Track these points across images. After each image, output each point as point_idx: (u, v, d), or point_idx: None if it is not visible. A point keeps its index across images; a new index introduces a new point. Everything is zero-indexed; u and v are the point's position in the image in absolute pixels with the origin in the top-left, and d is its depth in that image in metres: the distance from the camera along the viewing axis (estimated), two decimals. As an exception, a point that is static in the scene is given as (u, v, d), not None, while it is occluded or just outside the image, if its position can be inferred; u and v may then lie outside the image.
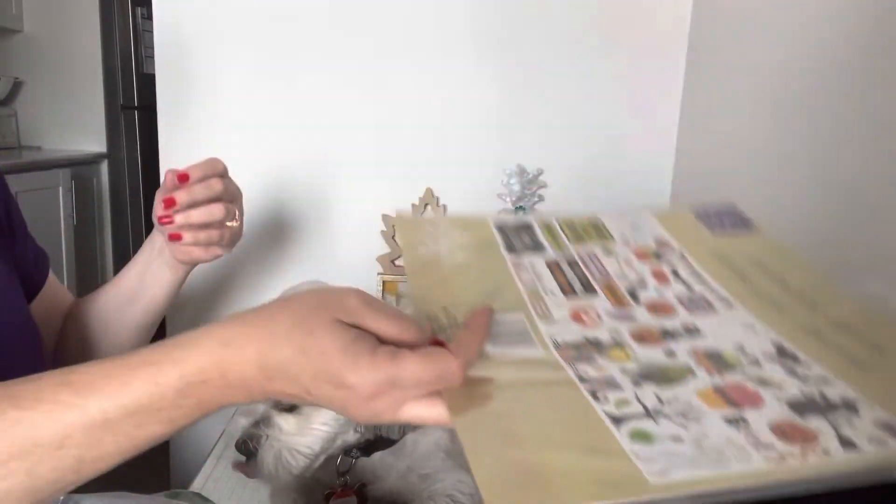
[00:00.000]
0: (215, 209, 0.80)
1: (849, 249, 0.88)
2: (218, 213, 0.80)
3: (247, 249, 1.43)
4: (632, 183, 1.42)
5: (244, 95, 1.38)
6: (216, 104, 1.38)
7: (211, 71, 1.37)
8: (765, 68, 1.11)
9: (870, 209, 0.84)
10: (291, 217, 1.42)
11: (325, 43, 1.36)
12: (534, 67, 1.38)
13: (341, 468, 0.76)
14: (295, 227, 1.42)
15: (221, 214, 0.80)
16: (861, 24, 0.88)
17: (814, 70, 0.98)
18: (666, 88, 1.39)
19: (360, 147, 1.40)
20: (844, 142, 0.90)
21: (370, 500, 0.77)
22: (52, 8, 3.32)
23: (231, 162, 1.41)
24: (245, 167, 1.40)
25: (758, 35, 1.14)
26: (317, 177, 1.41)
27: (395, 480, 0.77)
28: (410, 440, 0.76)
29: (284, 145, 1.40)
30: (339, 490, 0.76)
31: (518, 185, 1.39)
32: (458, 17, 1.36)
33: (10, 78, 3.29)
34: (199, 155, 1.40)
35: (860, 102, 0.87)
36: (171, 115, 1.39)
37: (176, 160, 1.40)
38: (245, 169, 1.40)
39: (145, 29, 3.46)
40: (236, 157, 1.40)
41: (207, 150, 1.39)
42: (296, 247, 1.42)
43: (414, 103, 1.39)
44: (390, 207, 1.40)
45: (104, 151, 3.42)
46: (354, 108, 1.38)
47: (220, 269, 1.43)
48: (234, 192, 0.85)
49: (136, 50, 3.45)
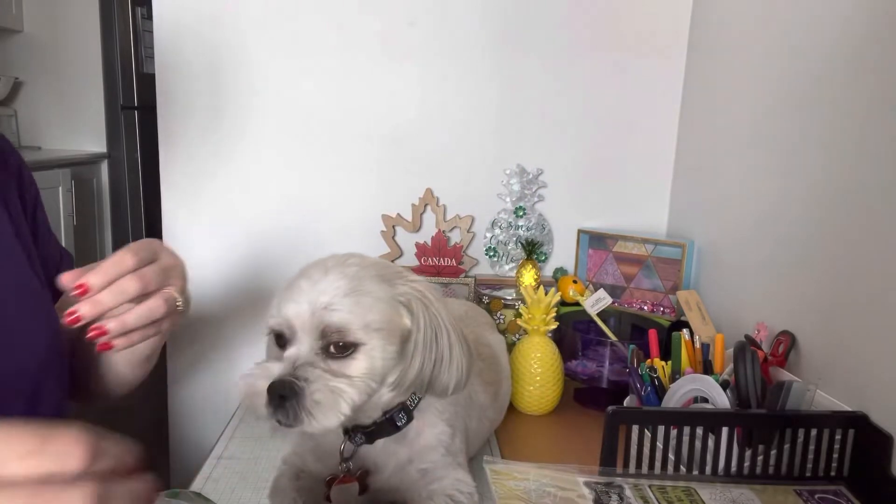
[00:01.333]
0: (154, 306, 0.65)
1: (848, 248, 0.88)
2: (158, 310, 0.66)
3: (247, 249, 1.43)
4: (631, 183, 1.43)
5: (244, 95, 1.38)
6: (216, 104, 1.38)
7: (211, 71, 1.37)
8: (764, 69, 1.11)
9: (869, 208, 0.84)
10: (291, 217, 1.42)
11: (326, 43, 1.36)
12: (534, 68, 1.38)
13: (345, 453, 0.76)
14: (294, 226, 1.42)
15: (163, 311, 0.66)
16: (861, 24, 0.88)
17: (813, 70, 0.98)
18: (666, 89, 1.39)
19: (361, 147, 1.40)
20: (844, 141, 0.90)
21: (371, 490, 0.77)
22: (52, 8, 3.32)
23: (231, 162, 1.41)
24: (244, 167, 1.41)
25: (757, 35, 1.14)
26: (317, 176, 1.41)
27: (395, 470, 0.77)
28: (414, 428, 0.77)
29: (284, 145, 1.40)
30: (342, 476, 0.76)
31: (518, 185, 1.39)
32: (458, 18, 1.36)
33: (10, 78, 3.29)
34: (198, 155, 1.41)
35: (859, 102, 0.87)
36: (171, 115, 1.39)
37: (176, 160, 1.40)
38: (244, 168, 1.41)
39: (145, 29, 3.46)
40: (236, 157, 1.41)
41: (207, 149, 1.40)
42: (296, 247, 1.42)
43: (414, 103, 1.39)
44: (390, 207, 1.40)
45: (104, 151, 3.42)
46: (355, 107, 1.38)
47: (220, 269, 1.43)
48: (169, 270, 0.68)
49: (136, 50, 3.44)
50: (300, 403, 0.65)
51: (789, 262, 1.01)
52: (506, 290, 1.34)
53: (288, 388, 0.65)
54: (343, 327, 0.68)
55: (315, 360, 0.68)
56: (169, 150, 1.40)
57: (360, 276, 0.71)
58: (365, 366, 0.69)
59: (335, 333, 0.68)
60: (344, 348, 0.68)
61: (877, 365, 0.81)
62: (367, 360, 0.69)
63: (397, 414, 0.76)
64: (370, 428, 0.76)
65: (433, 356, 0.72)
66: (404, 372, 0.72)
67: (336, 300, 0.68)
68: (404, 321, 0.72)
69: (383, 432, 0.76)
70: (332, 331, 0.68)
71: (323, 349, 0.69)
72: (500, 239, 1.41)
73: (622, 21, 1.37)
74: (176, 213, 1.42)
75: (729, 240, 1.20)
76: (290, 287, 0.72)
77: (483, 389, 0.90)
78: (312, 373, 0.67)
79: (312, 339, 0.68)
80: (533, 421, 1.07)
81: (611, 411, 0.83)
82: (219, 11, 1.35)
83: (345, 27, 1.35)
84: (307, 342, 0.68)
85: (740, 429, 0.83)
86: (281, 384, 0.66)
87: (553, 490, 0.78)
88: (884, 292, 0.81)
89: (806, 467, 0.83)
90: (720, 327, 1.09)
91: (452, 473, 0.78)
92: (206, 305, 1.43)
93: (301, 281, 0.71)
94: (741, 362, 0.85)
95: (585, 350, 1.13)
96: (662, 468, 0.83)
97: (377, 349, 0.69)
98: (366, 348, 0.69)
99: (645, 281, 1.34)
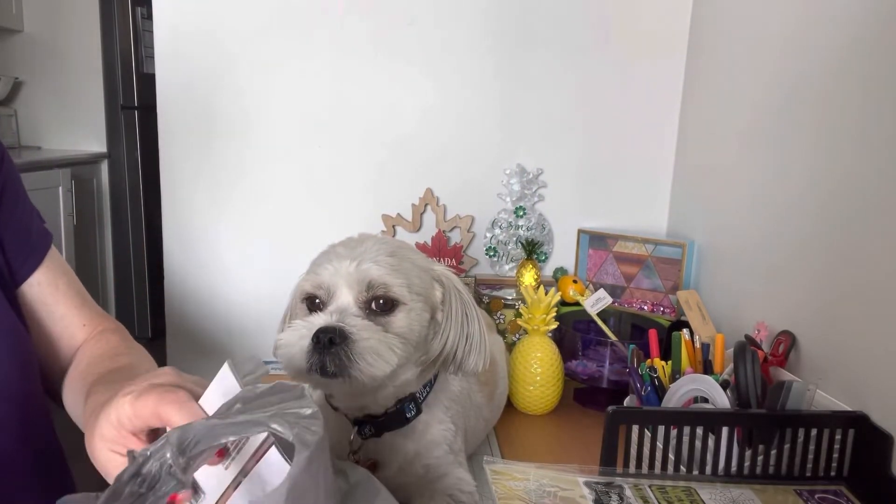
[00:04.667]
0: None
1: (848, 249, 0.88)
2: None
3: (247, 249, 1.43)
4: (632, 183, 1.43)
5: (244, 95, 1.38)
6: (216, 104, 1.38)
7: (211, 71, 1.37)
8: (764, 68, 1.11)
9: (869, 208, 0.84)
10: (291, 217, 1.42)
11: (326, 43, 1.36)
12: (534, 68, 1.38)
13: (353, 446, 0.76)
14: (295, 226, 1.42)
15: None
16: (861, 24, 0.88)
17: (813, 70, 0.98)
18: (666, 89, 1.39)
19: (361, 147, 1.40)
20: (844, 141, 0.90)
21: None
22: (52, 8, 3.32)
23: (230, 162, 1.41)
24: (244, 167, 1.41)
25: (757, 35, 1.14)
26: (317, 176, 1.41)
27: (401, 466, 0.77)
28: (422, 422, 0.77)
29: (284, 145, 1.40)
30: None
31: (518, 185, 1.39)
32: (458, 18, 1.36)
33: (10, 78, 3.29)
34: (198, 155, 1.41)
35: (860, 102, 0.87)
36: (171, 115, 1.39)
37: (176, 160, 1.40)
38: (244, 168, 1.41)
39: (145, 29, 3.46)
40: (236, 158, 1.41)
41: (207, 149, 1.40)
42: (295, 247, 1.42)
43: (414, 104, 1.39)
44: (390, 207, 1.40)
45: (104, 151, 3.42)
46: (355, 108, 1.38)
47: (220, 269, 1.43)
48: None
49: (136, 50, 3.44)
50: (351, 348, 0.65)
51: (789, 262, 1.01)
52: (506, 290, 1.34)
53: (338, 333, 0.65)
54: (387, 283, 0.69)
55: (359, 313, 0.69)
56: (169, 150, 1.40)
57: (400, 245, 0.74)
58: (405, 325, 0.69)
59: (381, 287, 0.69)
60: (386, 305, 0.69)
61: (877, 365, 0.81)
62: (407, 319, 0.70)
63: (408, 405, 0.76)
64: (380, 418, 0.76)
65: (465, 332, 0.75)
66: (436, 344, 0.73)
67: (381, 258, 0.70)
68: (437, 294, 0.74)
69: (393, 424, 0.76)
70: (378, 285, 0.68)
71: (366, 303, 0.69)
72: (500, 239, 1.41)
73: (622, 21, 1.37)
74: (176, 213, 1.42)
75: (729, 240, 1.20)
76: (325, 254, 0.73)
77: (479, 389, 0.91)
78: (360, 322, 0.67)
79: (356, 292, 0.69)
80: (533, 421, 1.07)
81: (611, 411, 0.83)
82: (219, 11, 1.35)
83: (345, 27, 1.35)
84: (350, 296, 0.69)
85: (740, 429, 0.83)
86: (331, 328, 0.65)
87: (553, 490, 0.78)
88: (884, 292, 0.81)
89: (806, 467, 0.83)
90: (720, 327, 1.09)
91: (454, 472, 0.78)
92: (204, 306, 1.44)
93: (337, 247, 0.73)
94: (741, 362, 0.85)
95: (585, 350, 1.13)
96: (662, 468, 0.83)
97: (416, 312, 0.70)
98: (406, 308, 0.70)
99: (645, 281, 1.34)
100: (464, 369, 0.76)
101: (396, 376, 0.71)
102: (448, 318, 0.74)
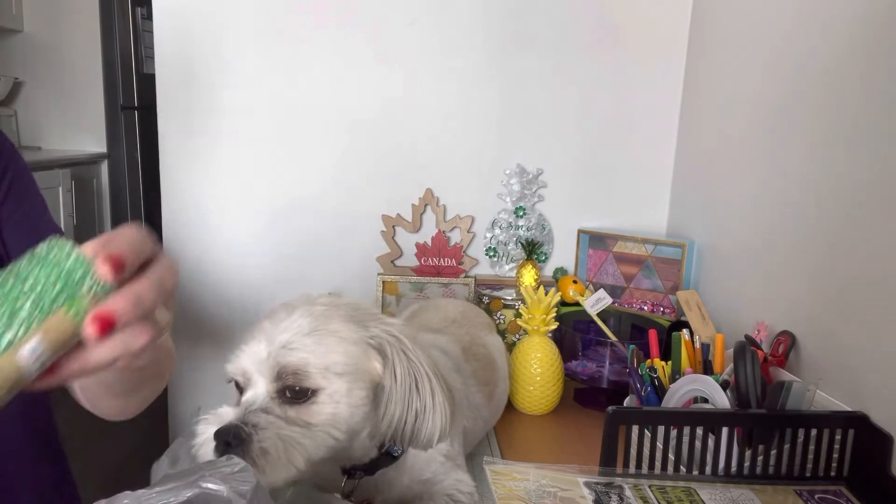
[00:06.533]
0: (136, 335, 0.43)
1: (848, 249, 0.88)
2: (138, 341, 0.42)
3: (248, 249, 1.43)
4: (631, 183, 1.43)
5: (244, 95, 1.38)
6: (216, 104, 1.38)
7: (211, 71, 1.37)
8: (764, 69, 1.11)
9: (869, 209, 0.84)
10: (291, 217, 1.42)
11: (326, 43, 1.36)
12: (534, 68, 1.38)
13: (346, 489, 0.74)
14: (295, 227, 1.42)
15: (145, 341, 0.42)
16: (861, 24, 0.88)
17: (813, 70, 0.98)
18: (666, 89, 1.39)
19: (361, 147, 1.40)
20: (844, 141, 0.90)
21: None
22: (52, 8, 3.33)
23: (230, 162, 1.41)
24: (244, 168, 1.41)
25: (757, 35, 1.14)
26: (317, 177, 1.41)
27: (399, 494, 0.77)
28: (412, 455, 0.75)
29: (285, 145, 1.40)
30: None
31: (518, 185, 1.39)
32: (458, 17, 1.36)
33: (10, 78, 3.29)
34: (198, 155, 1.41)
35: (860, 103, 0.87)
36: (171, 115, 1.39)
37: (176, 160, 1.40)
38: (244, 169, 1.41)
39: (145, 29, 3.46)
40: (235, 158, 1.41)
41: (207, 149, 1.40)
42: (295, 247, 1.42)
43: (414, 104, 1.39)
44: (390, 207, 1.40)
45: (104, 151, 3.42)
46: (355, 108, 1.38)
47: (220, 269, 1.43)
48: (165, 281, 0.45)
49: (136, 50, 3.45)
50: (246, 452, 0.59)
51: (789, 262, 1.01)
52: (506, 290, 1.34)
53: (234, 435, 0.59)
54: (300, 369, 0.63)
55: (271, 405, 0.63)
56: (169, 150, 1.40)
57: (327, 316, 0.66)
58: (328, 412, 0.63)
59: (291, 376, 0.63)
60: (301, 393, 0.63)
61: (877, 365, 0.81)
62: (331, 406, 0.63)
63: (392, 447, 0.73)
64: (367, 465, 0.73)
65: (414, 406, 0.67)
66: (379, 422, 0.67)
67: (295, 339, 0.63)
68: (374, 365, 0.66)
69: (381, 465, 0.74)
70: (289, 372, 0.63)
71: (279, 393, 0.63)
72: (500, 239, 1.41)
73: (622, 21, 1.37)
74: (176, 213, 1.42)
75: (729, 240, 1.20)
76: (253, 328, 0.67)
77: (478, 390, 0.90)
78: (264, 419, 0.61)
79: (268, 381, 0.63)
80: (533, 421, 1.07)
81: (611, 411, 0.83)
82: (219, 11, 1.35)
83: (345, 27, 1.35)
84: (263, 385, 0.63)
85: (740, 429, 0.83)
86: (227, 430, 0.60)
87: (553, 490, 0.78)
88: (884, 292, 0.81)
89: (806, 467, 0.83)
90: (720, 327, 1.09)
91: (452, 475, 0.78)
92: (203, 306, 1.44)
93: (264, 322, 0.67)
94: (741, 362, 0.85)
95: (585, 350, 1.13)
96: (662, 468, 0.83)
97: (341, 395, 0.64)
98: (326, 393, 0.63)
99: (645, 281, 1.34)
100: (415, 445, 0.68)
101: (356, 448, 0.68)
102: (392, 390, 0.66)
